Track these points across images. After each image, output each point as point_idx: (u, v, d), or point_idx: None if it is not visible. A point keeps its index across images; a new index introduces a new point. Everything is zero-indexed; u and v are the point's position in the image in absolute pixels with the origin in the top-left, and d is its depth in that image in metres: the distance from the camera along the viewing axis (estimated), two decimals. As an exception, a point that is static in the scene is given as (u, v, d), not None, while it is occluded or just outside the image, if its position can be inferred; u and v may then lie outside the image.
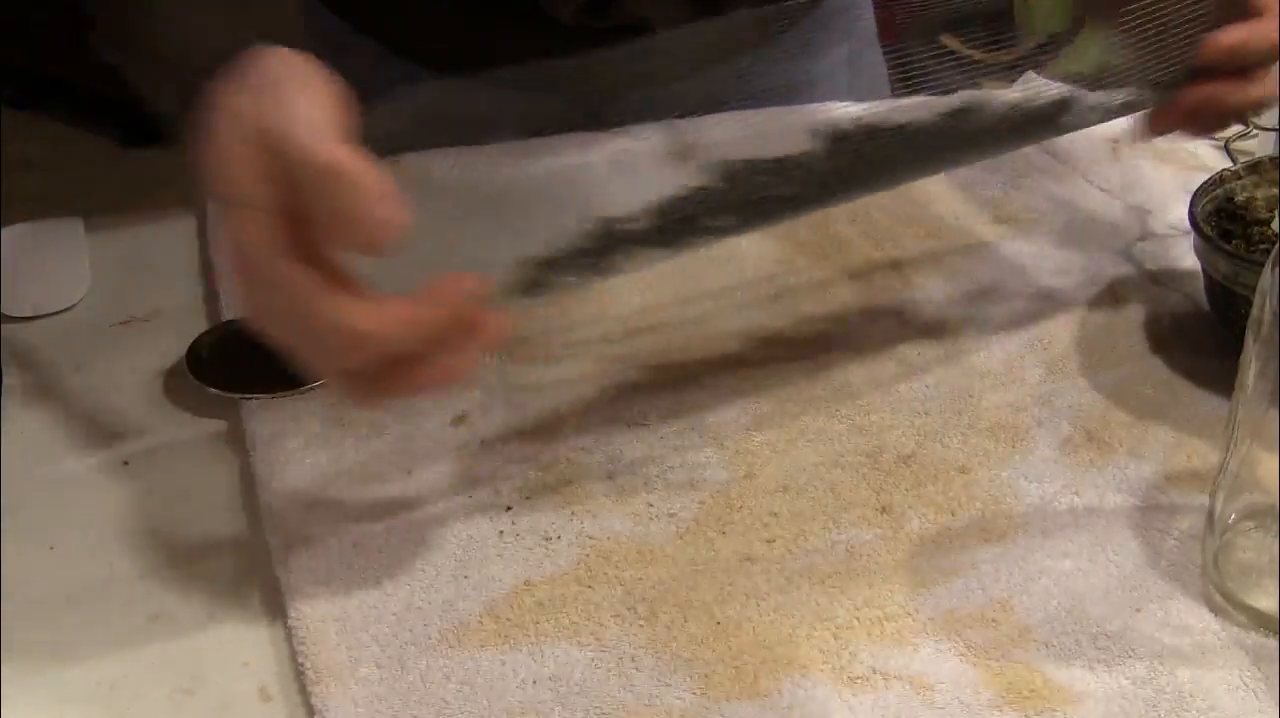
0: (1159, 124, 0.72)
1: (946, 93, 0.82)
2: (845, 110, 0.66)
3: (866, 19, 1.02)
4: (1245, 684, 0.54)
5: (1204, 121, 0.71)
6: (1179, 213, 0.80)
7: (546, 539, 0.61)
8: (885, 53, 0.89)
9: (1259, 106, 0.73)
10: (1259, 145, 0.93)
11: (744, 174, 0.61)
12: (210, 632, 0.57)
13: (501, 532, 0.61)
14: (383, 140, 0.51)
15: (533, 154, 0.89)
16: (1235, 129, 0.96)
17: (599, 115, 0.75)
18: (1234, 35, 0.68)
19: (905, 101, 0.67)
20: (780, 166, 0.61)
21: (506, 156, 0.89)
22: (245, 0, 0.56)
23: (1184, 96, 0.69)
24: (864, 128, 0.64)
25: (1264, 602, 0.56)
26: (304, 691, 0.54)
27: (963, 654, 0.55)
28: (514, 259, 0.58)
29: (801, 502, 0.63)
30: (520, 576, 0.59)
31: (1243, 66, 0.69)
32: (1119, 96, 0.72)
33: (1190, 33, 0.70)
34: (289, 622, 0.57)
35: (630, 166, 0.69)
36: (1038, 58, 0.79)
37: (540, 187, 0.87)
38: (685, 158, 0.91)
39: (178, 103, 0.52)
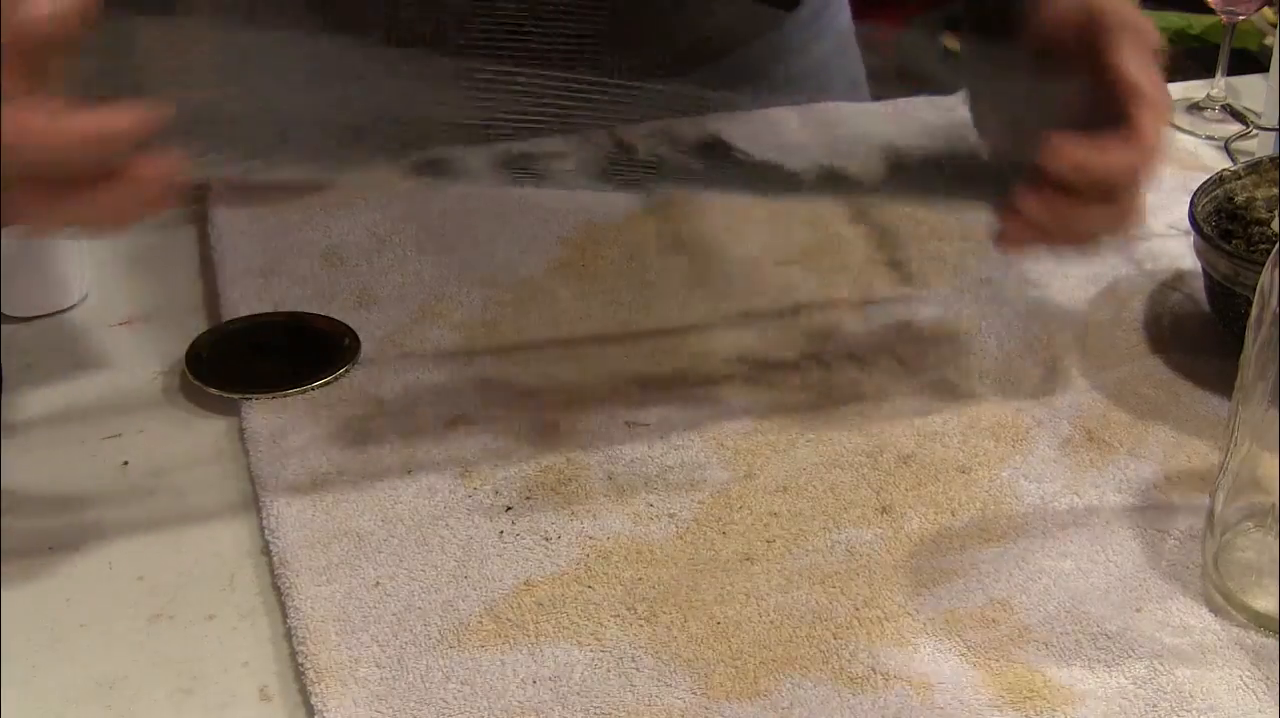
0: (1009, 237, 0.65)
1: (946, 93, 0.83)
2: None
3: (844, 19, 1.01)
4: (1245, 684, 0.54)
5: (1056, 233, 0.64)
6: (1179, 213, 0.79)
7: (546, 539, 0.61)
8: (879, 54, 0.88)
9: (1109, 232, 0.65)
10: (1259, 145, 0.93)
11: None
12: (210, 632, 0.57)
13: (501, 532, 0.61)
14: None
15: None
16: (1236, 129, 0.96)
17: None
18: (1077, 152, 0.61)
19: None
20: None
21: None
22: None
23: (1028, 201, 0.63)
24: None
25: (1264, 602, 0.56)
26: (304, 691, 0.54)
27: (963, 654, 0.55)
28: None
29: (801, 502, 0.63)
30: (520, 576, 0.59)
31: (1095, 187, 0.62)
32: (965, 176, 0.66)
33: (1045, 120, 0.64)
34: (289, 622, 0.57)
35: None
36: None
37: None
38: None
39: None
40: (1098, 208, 0.63)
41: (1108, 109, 0.63)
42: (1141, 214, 0.65)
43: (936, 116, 0.80)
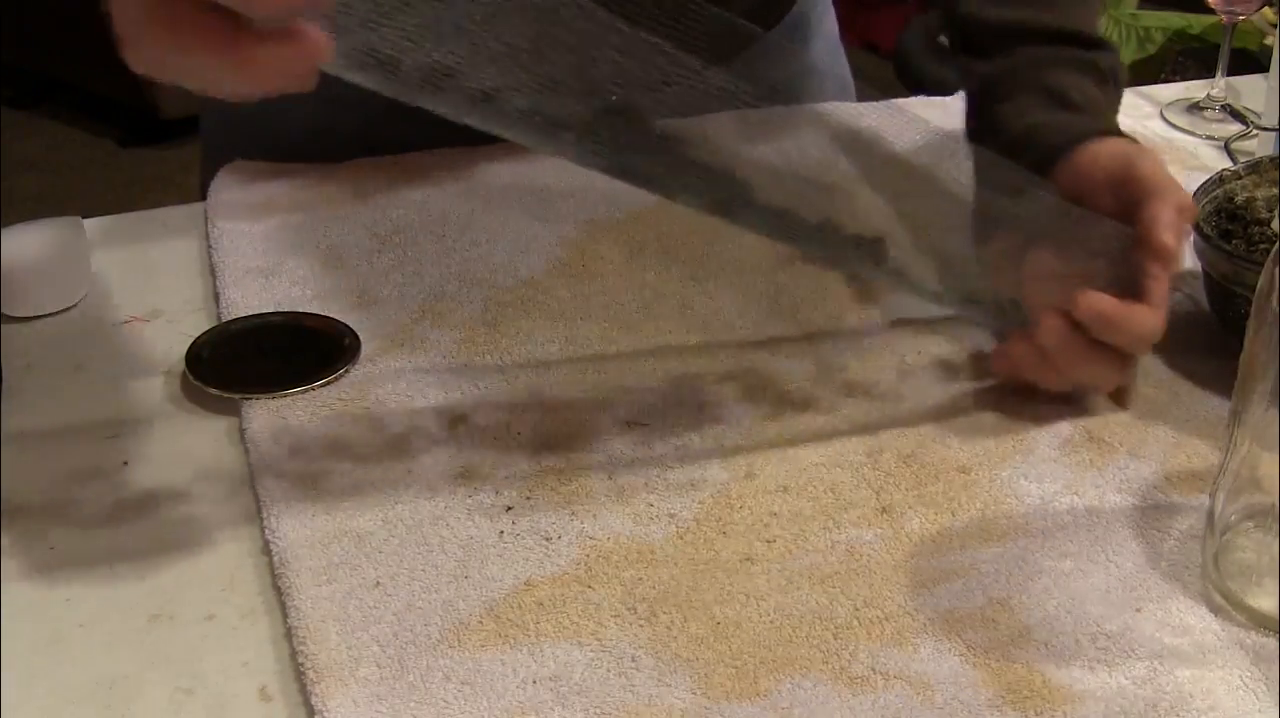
0: (1010, 357, 0.68)
1: (946, 94, 0.82)
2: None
3: (830, 24, 1.02)
4: (1245, 684, 0.54)
5: (1057, 368, 0.66)
6: (1179, 213, 0.79)
7: (546, 539, 0.61)
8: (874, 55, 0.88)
9: (1098, 387, 0.68)
10: (1259, 145, 0.93)
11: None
12: (210, 632, 0.57)
13: (501, 532, 0.61)
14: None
15: (530, 155, 0.89)
16: (1236, 129, 0.96)
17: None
18: (1103, 303, 0.64)
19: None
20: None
21: (505, 156, 0.89)
22: None
23: (1045, 329, 0.65)
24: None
25: (1264, 602, 0.56)
26: (304, 691, 0.54)
27: (963, 654, 0.55)
28: None
29: (801, 502, 0.63)
30: (520, 576, 0.59)
31: (1107, 342, 0.65)
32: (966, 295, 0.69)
33: (1074, 264, 0.66)
34: (289, 622, 0.57)
35: None
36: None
37: (537, 186, 0.87)
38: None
39: None
40: (1100, 362, 0.66)
41: (1122, 262, 0.66)
42: (1132, 391, 0.68)
43: (938, 117, 0.81)
